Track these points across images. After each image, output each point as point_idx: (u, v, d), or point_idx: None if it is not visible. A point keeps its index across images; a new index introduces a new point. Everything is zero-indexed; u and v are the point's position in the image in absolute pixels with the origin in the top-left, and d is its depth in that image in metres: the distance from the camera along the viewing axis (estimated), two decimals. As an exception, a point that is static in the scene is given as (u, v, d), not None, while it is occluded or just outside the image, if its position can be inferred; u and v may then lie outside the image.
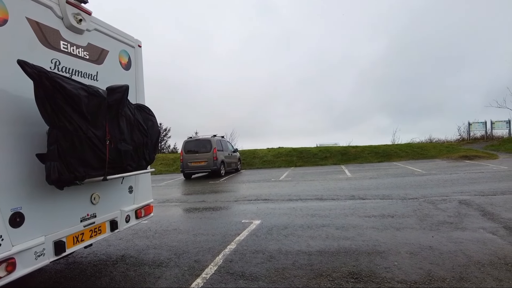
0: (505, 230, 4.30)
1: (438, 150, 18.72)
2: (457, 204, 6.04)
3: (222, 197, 8.77)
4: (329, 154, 19.73)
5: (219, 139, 15.12)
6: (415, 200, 6.67)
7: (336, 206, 6.54)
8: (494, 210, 5.42)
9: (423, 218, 5.18)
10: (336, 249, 3.97)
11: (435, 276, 3.06)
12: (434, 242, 3.99)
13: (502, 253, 3.53)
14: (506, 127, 23.95)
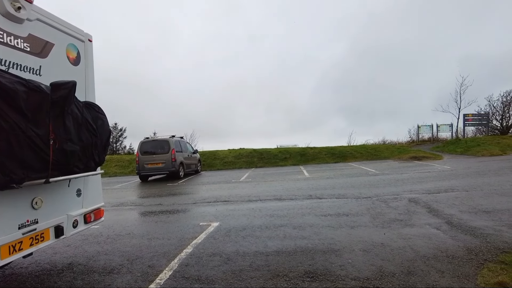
0: (447, 225, 4.61)
1: (391, 151, 19.78)
2: (407, 202, 6.39)
3: (180, 199, 8.55)
4: (289, 155, 20.08)
5: (178, 140, 14.77)
6: (369, 199, 6.96)
7: (294, 206, 6.64)
8: (438, 207, 5.80)
9: (375, 216, 5.41)
10: (293, 248, 4.01)
11: (386, 271, 3.19)
12: (385, 239, 4.16)
13: (444, 246, 3.77)
14: (449, 130, 25.91)
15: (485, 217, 4.95)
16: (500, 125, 29.48)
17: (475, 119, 25.35)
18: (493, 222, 4.65)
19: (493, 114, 29.32)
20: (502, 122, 29.38)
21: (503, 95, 29.13)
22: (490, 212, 5.22)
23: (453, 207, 5.69)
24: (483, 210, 5.38)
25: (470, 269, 3.14)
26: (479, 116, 25.73)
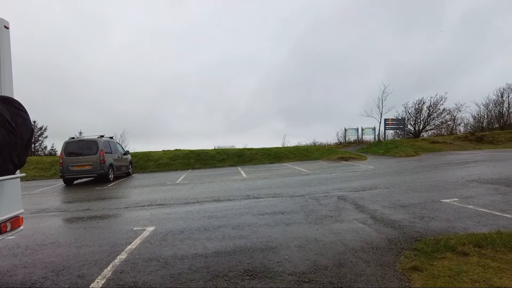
0: (372, 220, 5.08)
1: (321, 152, 21.01)
2: (336, 199, 6.87)
3: (110, 204, 8.04)
4: (227, 156, 20.14)
5: (108, 140, 13.86)
6: (302, 197, 7.32)
7: (233, 207, 6.69)
8: (363, 203, 6.34)
9: (309, 213, 5.72)
10: (232, 248, 4.05)
11: (320, 265, 3.40)
12: (318, 235, 4.43)
13: (370, 239, 4.15)
14: (372, 133, 28.46)
15: (402, 211, 5.56)
16: (413, 129, 33.20)
17: (394, 123, 28.26)
18: (408, 215, 5.24)
19: (408, 120, 32.91)
20: (415, 127, 33.12)
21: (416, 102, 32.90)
22: (406, 206, 5.87)
23: (376, 203, 6.28)
24: (401, 205, 6.02)
25: (391, 257, 3.51)
26: (397, 121, 28.74)
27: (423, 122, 32.99)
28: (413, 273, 3.08)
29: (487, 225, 4.41)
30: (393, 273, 3.14)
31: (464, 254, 3.33)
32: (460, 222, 4.66)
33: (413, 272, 3.10)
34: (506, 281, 2.71)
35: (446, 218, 4.91)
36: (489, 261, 3.10)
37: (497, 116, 35.81)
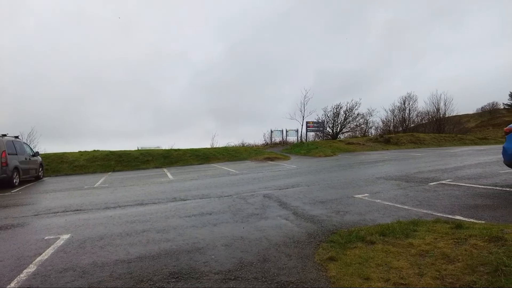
0: (294, 216, 5.41)
1: (249, 153, 21.48)
2: (262, 198, 7.12)
3: (16, 212, 7.13)
4: (151, 157, 19.32)
5: (12, 140, 12.24)
6: (230, 197, 7.43)
7: (158, 210, 6.48)
8: (287, 200, 6.70)
9: (236, 212, 5.84)
10: (157, 252, 3.94)
11: (245, 262, 3.52)
12: (244, 233, 4.56)
13: (292, 234, 4.42)
14: (295, 135, 30.08)
15: (321, 206, 6.02)
16: (332, 131, 35.95)
17: (314, 126, 30.22)
18: (326, 210, 5.70)
19: (327, 122, 35.51)
20: (333, 129, 35.91)
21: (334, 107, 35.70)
22: (324, 202, 6.36)
23: (298, 200, 6.68)
24: (319, 201, 6.51)
25: (310, 250, 3.79)
26: (317, 123, 30.79)
27: (340, 125, 35.95)
28: (330, 263, 3.38)
29: (390, 216, 5.03)
30: (312, 264, 3.40)
31: (371, 243, 3.75)
32: (370, 215, 5.23)
33: (330, 262, 3.40)
34: (402, 262, 3.15)
35: (358, 212, 5.46)
36: (390, 247, 3.55)
37: (401, 121, 40.79)
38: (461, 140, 30.00)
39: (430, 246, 3.40)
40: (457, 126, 41.39)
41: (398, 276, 2.92)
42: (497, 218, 4.53)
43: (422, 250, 3.35)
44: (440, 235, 3.63)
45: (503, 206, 5.18)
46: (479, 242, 3.24)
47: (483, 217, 4.62)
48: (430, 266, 2.99)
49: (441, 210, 5.22)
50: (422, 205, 5.65)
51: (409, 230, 3.90)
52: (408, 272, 2.97)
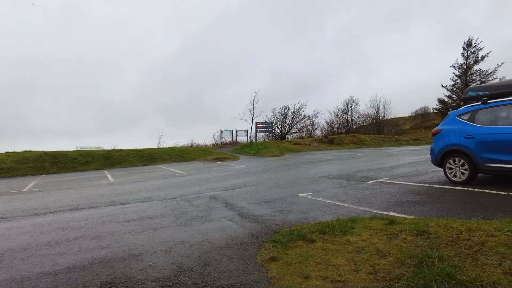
0: (239, 216, 5.36)
1: (197, 153, 21.08)
2: (208, 199, 6.98)
3: None
4: (91, 158, 18.09)
5: None
6: (174, 199, 7.17)
7: (94, 215, 6.03)
8: (233, 201, 6.64)
9: (179, 215, 5.64)
10: (89, 261, 3.64)
11: (185, 267, 3.38)
12: (186, 237, 4.40)
13: (235, 235, 4.36)
14: (245, 135, 30.18)
15: (266, 206, 6.04)
16: (280, 132, 36.75)
17: (264, 126, 30.62)
18: (270, 209, 5.74)
19: (276, 123, 36.25)
20: (281, 130, 36.74)
21: (282, 108, 36.56)
22: (269, 201, 6.41)
23: (244, 200, 6.65)
24: (265, 200, 6.54)
25: (253, 251, 3.76)
26: (266, 124, 31.24)
27: (288, 126, 36.90)
28: (271, 263, 3.37)
29: (331, 214, 5.20)
30: (254, 265, 3.37)
31: (312, 241, 3.82)
32: (311, 213, 5.36)
33: (271, 262, 3.39)
34: (340, 260, 3.24)
35: (301, 210, 5.57)
36: (330, 245, 3.65)
37: (344, 122, 42.97)
38: (398, 140, 32.39)
39: (366, 243, 3.55)
40: (394, 128, 44.65)
41: (336, 273, 3.00)
42: (425, 213, 4.90)
43: (359, 247, 3.48)
44: (375, 231, 3.82)
45: (430, 202, 5.63)
46: (408, 236, 3.45)
47: (413, 213, 4.97)
48: (365, 262, 3.12)
49: (378, 207, 5.52)
50: (361, 202, 5.93)
51: (347, 228, 4.05)
52: (345, 269, 3.07)
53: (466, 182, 6.88)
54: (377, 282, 2.75)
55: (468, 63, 39.92)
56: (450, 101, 40.23)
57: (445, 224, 3.59)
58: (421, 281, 2.59)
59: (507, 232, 3.06)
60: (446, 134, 7.41)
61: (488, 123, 6.65)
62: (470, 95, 7.49)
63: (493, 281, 2.45)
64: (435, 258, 2.83)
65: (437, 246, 3.09)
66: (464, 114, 7.20)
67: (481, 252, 2.85)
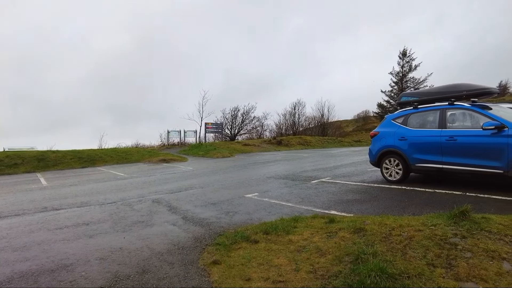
0: (183, 220, 5.20)
1: (141, 154, 20.19)
2: (151, 203, 6.68)
3: None
4: (21, 160, 16.43)
5: None
6: (113, 204, 6.76)
7: (21, 223, 5.45)
8: (178, 204, 6.43)
9: (118, 221, 5.31)
10: (7, 277, 3.25)
11: (121, 275, 3.17)
12: (125, 243, 4.15)
13: (177, 240, 4.21)
14: (194, 136, 29.64)
15: (212, 208, 5.95)
16: (230, 132, 36.71)
17: (213, 127, 30.33)
18: (216, 212, 5.65)
19: (226, 124, 36.15)
20: (231, 131, 36.72)
21: (232, 109, 36.59)
22: (216, 203, 6.32)
23: (190, 203, 6.48)
24: (211, 202, 6.44)
25: (195, 255, 3.66)
26: (216, 125, 30.99)
27: (238, 127, 36.99)
28: (213, 267, 3.30)
29: (275, 214, 5.27)
30: (196, 270, 3.28)
31: (255, 242, 3.82)
32: (257, 214, 5.38)
33: (213, 266, 3.32)
34: (281, 259, 3.28)
35: (247, 211, 5.57)
36: (272, 245, 3.67)
37: (291, 124, 44.14)
38: (341, 142, 34.08)
39: (307, 242, 3.63)
40: (338, 130, 46.88)
41: (277, 274, 3.02)
42: (363, 211, 5.17)
43: (300, 246, 3.55)
44: (316, 230, 3.93)
45: (368, 200, 5.96)
46: (347, 234, 3.60)
47: (352, 211, 5.22)
48: (306, 261, 3.18)
49: (320, 206, 5.71)
50: (304, 201, 6.10)
51: (290, 227, 4.11)
52: (286, 268, 3.10)
53: (400, 181, 7.42)
54: (316, 281, 2.82)
55: (404, 71, 43.58)
56: (388, 106, 43.38)
57: (379, 221, 3.80)
58: (357, 277, 2.70)
59: (431, 227, 3.33)
60: (383, 136, 7.93)
61: (418, 126, 7.24)
62: (404, 100, 8.11)
63: (418, 272, 2.64)
64: (369, 254, 2.97)
65: (372, 242, 3.26)
66: (398, 118, 7.77)
67: (409, 246, 3.06)
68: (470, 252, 2.80)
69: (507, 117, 5.92)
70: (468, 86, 6.89)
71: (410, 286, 2.51)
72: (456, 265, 2.68)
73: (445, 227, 3.27)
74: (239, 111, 36.79)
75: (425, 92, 8.14)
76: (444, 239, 3.06)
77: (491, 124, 5.79)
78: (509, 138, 5.59)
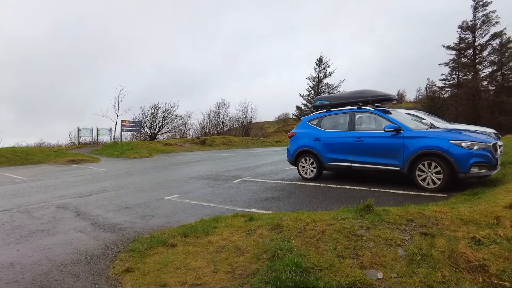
0: (92, 227, 4.73)
1: (46, 154, 17.98)
2: (55, 209, 5.95)
3: None
4: None
5: None
6: (7, 212, 5.83)
7: None
8: (87, 209, 5.84)
9: (11, 231, 4.59)
10: None
11: (11, 295, 2.73)
12: (18, 257, 3.60)
13: (85, 248, 3.80)
14: (108, 134, 27.44)
15: (126, 212, 5.54)
16: (150, 131, 34.98)
17: (131, 125, 28.48)
18: (131, 216, 5.28)
19: (145, 122, 34.32)
20: (151, 129, 35.03)
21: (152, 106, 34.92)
22: (131, 207, 5.91)
23: (101, 208, 5.94)
24: (126, 206, 6.00)
25: (105, 264, 3.34)
26: (134, 123, 29.17)
27: (158, 125, 35.46)
28: (126, 275, 3.06)
29: (196, 215, 5.13)
30: (105, 280, 2.99)
31: (173, 246, 3.65)
32: (176, 216, 5.17)
33: (126, 274, 3.08)
34: (200, 262, 3.19)
35: (165, 214, 5.32)
36: (191, 248, 3.55)
37: (216, 124, 44.01)
38: (263, 142, 35.13)
39: (226, 241, 3.60)
40: (260, 131, 48.22)
41: (195, 277, 2.92)
42: (281, 208, 5.36)
43: (219, 246, 3.50)
44: (235, 229, 3.92)
45: (286, 197, 6.21)
46: (265, 231, 3.67)
47: (271, 208, 5.38)
48: (224, 261, 3.15)
49: (241, 204, 5.75)
50: (226, 201, 6.08)
51: (210, 228, 4.03)
52: (204, 271, 3.02)
53: (314, 179, 7.91)
54: (235, 281, 2.80)
55: (319, 77, 46.90)
56: (305, 109, 46.14)
57: (295, 217, 3.96)
58: (273, 273, 2.76)
59: (341, 220, 3.58)
60: (299, 137, 8.38)
61: (330, 128, 7.82)
62: (318, 103, 8.69)
63: (329, 264, 2.81)
64: (286, 250, 3.07)
65: (288, 238, 3.37)
66: (313, 120, 8.28)
67: (322, 240, 3.25)
68: (373, 242, 3.09)
69: (403, 121, 6.76)
70: (373, 93, 7.69)
71: (322, 278, 2.66)
72: (362, 255, 2.92)
73: (353, 220, 3.55)
74: (159, 108, 35.27)
75: (337, 96, 8.84)
76: (352, 231, 3.32)
77: (391, 126, 6.54)
78: (405, 139, 6.38)
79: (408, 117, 7.78)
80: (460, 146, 5.76)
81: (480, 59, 34.53)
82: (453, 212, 3.61)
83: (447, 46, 36.47)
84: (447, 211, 3.67)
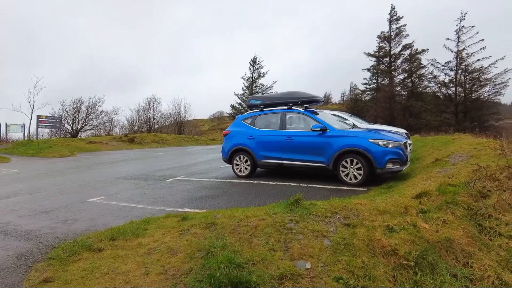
0: (1, 235, 4.19)
1: None
2: (-48, 217, 5.14)
3: None
4: None
5: None
6: None
7: None
8: (-6, 216, 5.16)
9: None
10: None
11: None
12: None
13: (-8, 260, 3.37)
14: (21, 131, 24.47)
15: (44, 217, 5.03)
16: (71, 128, 32.05)
17: (49, 121, 25.69)
18: (50, 221, 4.81)
19: (66, 118, 31.35)
20: (73, 126, 32.14)
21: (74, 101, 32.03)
22: (50, 211, 5.37)
23: (12, 213, 5.30)
24: (44, 211, 5.44)
25: (17, 276, 3.00)
26: (53, 118, 26.39)
27: (81, 122, 32.71)
28: (43, 286, 2.79)
29: (125, 217, 4.88)
30: (18, 294, 2.69)
31: (99, 250, 3.43)
32: (102, 219, 4.85)
33: (44, 285, 2.81)
34: (130, 265, 3.05)
35: (90, 218, 4.95)
36: (120, 251, 3.38)
37: (146, 121, 42.05)
38: (197, 140, 34.58)
39: (158, 243, 3.49)
40: (194, 129, 47.37)
41: (125, 281, 2.79)
42: (215, 206, 5.37)
43: (150, 248, 3.39)
44: (168, 230, 3.82)
45: (220, 195, 6.23)
46: (198, 230, 3.65)
47: (205, 207, 5.35)
48: (156, 263, 3.06)
49: (173, 204, 5.62)
50: (157, 202, 5.88)
51: (140, 230, 3.87)
52: (135, 274, 2.90)
53: (248, 176, 8.08)
54: (167, 281, 2.75)
55: (254, 77, 47.79)
56: (240, 107, 46.64)
57: (229, 214, 4.01)
58: (207, 271, 2.77)
59: (273, 215, 3.73)
60: (234, 135, 8.47)
61: (263, 127, 8.06)
62: (252, 103, 8.88)
63: (262, 258, 2.92)
64: (220, 247, 3.10)
65: (222, 235, 3.41)
66: (247, 119, 8.44)
67: (255, 235, 3.35)
68: (302, 234, 3.28)
69: (329, 121, 7.27)
70: (302, 94, 8.12)
71: (255, 271, 2.75)
72: (291, 247, 3.08)
73: (283, 215, 3.72)
74: (83, 103, 32.46)
75: (270, 96, 9.13)
76: (282, 225, 3.48)
77: (318, 126, 6.99)
78: (330, 138, 6.87)
79: (333, 117, 8.40)
80: (378, 145, 6.40)
81: (395, 66, 38.57)
82: (371, 204, 4.00)
83: (368, 53, 39.99)
84: (367, 203, 4.06)
